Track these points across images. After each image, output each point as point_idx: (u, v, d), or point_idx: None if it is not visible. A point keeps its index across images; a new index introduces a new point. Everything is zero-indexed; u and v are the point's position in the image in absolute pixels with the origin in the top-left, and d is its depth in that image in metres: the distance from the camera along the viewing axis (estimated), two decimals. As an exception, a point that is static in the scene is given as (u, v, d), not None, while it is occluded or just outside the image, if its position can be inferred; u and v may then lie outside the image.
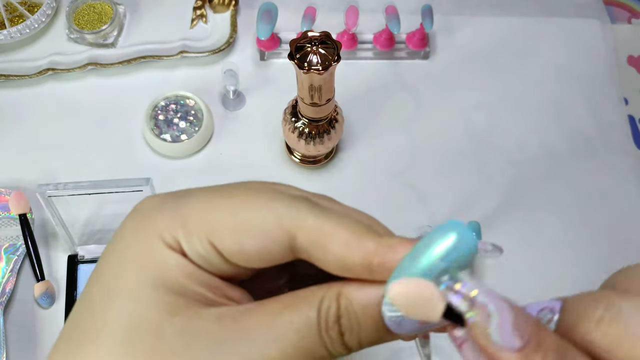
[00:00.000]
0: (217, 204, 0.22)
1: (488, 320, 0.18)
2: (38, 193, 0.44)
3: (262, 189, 0.23)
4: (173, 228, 0.22)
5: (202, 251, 0.22)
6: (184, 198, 0.23)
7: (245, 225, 0.21)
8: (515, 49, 0.62)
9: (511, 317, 0.18)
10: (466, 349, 0.20)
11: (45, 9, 0.59)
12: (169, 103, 0.55)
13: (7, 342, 0.47)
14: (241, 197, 0.22)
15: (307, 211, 0.21)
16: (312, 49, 0.42)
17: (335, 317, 0.21)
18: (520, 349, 0.18)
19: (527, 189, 0.55)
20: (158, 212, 0.22)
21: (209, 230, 0.21)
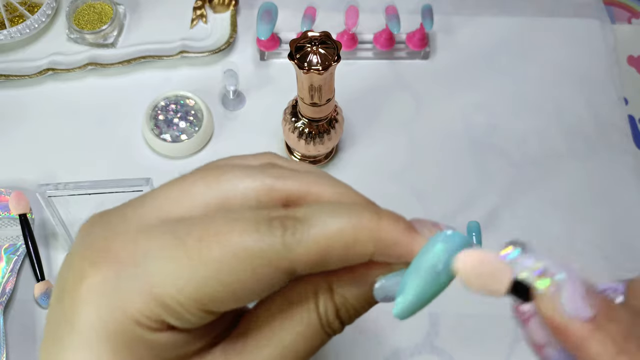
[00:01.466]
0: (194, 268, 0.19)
1: (558, 290, 0.18)
2: (38, 193, 0.44)
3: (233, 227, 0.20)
4: (152, 309, 0.19)
5: (196, 319, 0.20)
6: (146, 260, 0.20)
7: (238, 283, 0.20)
8: (515, 49, 0.62)
9: (582, 286, 0.18)
10: (533, 324, 0.19)
11: (45, 9, 0.59)
12: (169, 103, 0.55)
13: (7, 342, 0.47)
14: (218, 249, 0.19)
15: (293, 240, 0.20)
16: (312, 49, 0.42)
17: (334, 314, 0.22)
18: (592, 319, 0.18)
19: (527, 189, 0.55)
20: (125, 284, 0.19)
21: (199, 300, 0.19)
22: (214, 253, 0.19)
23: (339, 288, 0.22)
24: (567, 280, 0.18)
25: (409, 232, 0.20)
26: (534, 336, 0.19)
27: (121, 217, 0.21)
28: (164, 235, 0.20)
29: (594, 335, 0.18)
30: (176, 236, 0.20)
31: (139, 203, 0.22)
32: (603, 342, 0.18)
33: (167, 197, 0.22)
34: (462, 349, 0.48)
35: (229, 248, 0.19)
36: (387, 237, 0.20)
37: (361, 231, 0.20)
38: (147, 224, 0.21)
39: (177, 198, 0.21)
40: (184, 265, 0.19)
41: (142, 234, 0.20)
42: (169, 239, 0.20)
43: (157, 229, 0.20)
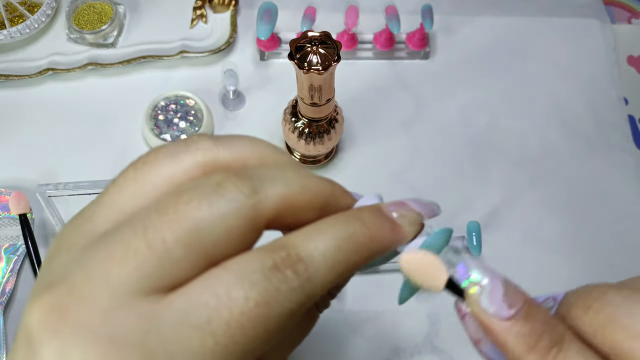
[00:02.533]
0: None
1: (481, 291, 0.21)
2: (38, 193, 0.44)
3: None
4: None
5: None
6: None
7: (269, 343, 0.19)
8: (515, 49, 0.62)
9: (502, 288, 0.21)
10: (468, 320, 0.22)
11: (45, 9, 0.59)
12: (169, 103, 0.55)
13: (7, 342, 0.47)
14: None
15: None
16: (312, 49, 0.42)
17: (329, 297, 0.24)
18: (510, 318, 0.20)
19: (527, 189, 0.55)
20: None
21: None
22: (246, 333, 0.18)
23: None
24: (489, 280, 0.21)
25: (394, 231, 0.22)
26: (471, 332, 0.22)
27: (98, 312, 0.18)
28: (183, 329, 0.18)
29: (510, 332, 0.20)
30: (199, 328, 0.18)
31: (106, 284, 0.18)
32: (517, 339, 0.20)
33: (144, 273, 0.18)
34: (462, 349, 0.48)
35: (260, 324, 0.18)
36: (379, 246, 0.21)
37: (361, 252, 0.21)
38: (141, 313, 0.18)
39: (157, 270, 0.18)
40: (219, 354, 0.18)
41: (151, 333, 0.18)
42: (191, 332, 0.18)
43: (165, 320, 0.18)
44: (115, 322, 0.17)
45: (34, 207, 0.50)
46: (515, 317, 0.20)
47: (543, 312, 0.21)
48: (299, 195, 0.20)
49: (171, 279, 0.18)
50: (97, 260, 0.18)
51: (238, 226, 0.19)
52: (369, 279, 0.50)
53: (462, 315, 0.22)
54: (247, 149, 0.21)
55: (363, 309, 0.49)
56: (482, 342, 0.22)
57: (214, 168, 0.20)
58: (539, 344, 0.20)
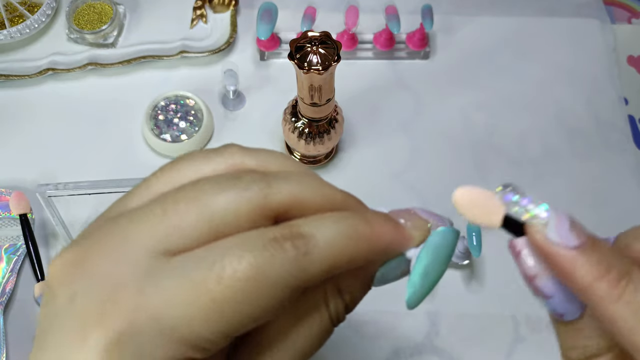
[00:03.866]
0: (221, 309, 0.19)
1: (546, 221, 0.20)
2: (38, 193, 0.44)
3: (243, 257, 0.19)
4: (181, 351, 0.19)
5: (221, 346, 0.20)
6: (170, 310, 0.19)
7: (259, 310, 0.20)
8: (515, 49, 0.62)
9: (568, 220, 0.21)
10: (524, 256, 0.21)
11: (45, 9, 0.59)
12: (169, 103, 0.55)
13: (7, 342, 0.47)
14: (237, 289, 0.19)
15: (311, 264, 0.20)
16: (312, 49, 0.42)
17: (344, 311, 0.23)
18: (578, 247, 0.20)
19: (527, 189, 0.55)
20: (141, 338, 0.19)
21: (225, 333, 0.19)
22: (237, 292, 0.19)
23: (346, 286, 0.23)
24: (554, 213, 0.21)
25: (396, 230, 0.22)
26: (526, 268, 0.21)
27: (110, 261, 0.20)
28: (180, 281, 0.19)
29: (578, 260, 0.20)
30: (194, 281, 0.19)
31: (122, 240, 0.20)
32: (586, 266, 0.20)
33: (155, 234, 0.20)
34: (462, 349, 0.48)
35: (251, 285, 0.19)
36: (381, 243, 0.21)
37: (361, 243, 0.21)
38: (147, 267, 0.20)
39: (167, 233, 0.20)
40: (211, 310, 0.19)
41: (150, 282, 0.19)
42: (186, 284, 0.19)
43: (165, 273, 0.19)
44: (121, 271, 0.19)
45: (34, 207, 0.51)
46: (583, 247, 0.20)
47: (608, 245, 0.21)
48: (309, 196, 0.21)
49: (179, 244, 0.20)
50: (118, 224, 0.20)
51: (247, 211, 0.20)
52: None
53: (517, 252, 0.21)
54: (270, 159, 0.23)
55: (363, 309, 0.49)
56: (538, 277, 0.21)
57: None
58: (609, 274, 0.20)
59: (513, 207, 0.21)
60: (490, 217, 0.20)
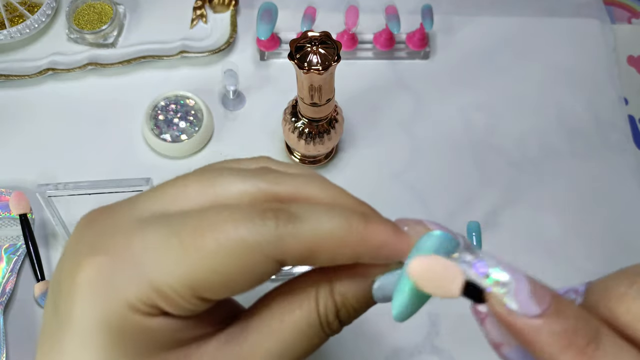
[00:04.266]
0: (189, 257, 0.20)
1: (506, 290, 0.19)
2: (38, 193, 0.44)
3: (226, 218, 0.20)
4: (148, 295, 0.20)
5: (190, 305, 0.21)
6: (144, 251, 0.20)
7: (231, 272, 0.20)
8: (515, 49, 0.62)
9: (528, 284, 0.19)
10: (488, 324, 0.20)
11: (45, 9, 0.59)
12: (169, 103, 0.55)
13: (7, 342, 0.47)
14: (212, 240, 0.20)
15: (285, 231, 0.20)
16: (312, 49, 0.42)
17: (334, 313, 0.22)
18: (539, 316, 0.18)
19: (527, 189, 0.55)
20: (121, 273, 0.20)
21: (193, 287, 0.20)
22: (207, 243, 0.20)
23: (339, 286, 0.22)
24: (513, 278, 0.19)
25: (395, 233, 0.21)
26: (491, 335, 0.20)
27: (116, 213, 0.22)
28: (159, 228, 0.21)
29: (542, 331, 0.18)
30: (171, 228, 0.20)
31: (134, 200, 0.22)
32: (550, 337, 0.18)
33: (161, 196, 0.22)
34: (462, 349, 0.48)
35: (223, 238, 0.20)
36: (374, 240, 0.21)
37: (350, 234, 0.20)
38: (141, 218, 0.21)
39: (171, 197, 0.22)
40: (179, 255, 0.20)
41: (137, 227, 0.21)
42: (163, 230, 0.20)
43: (152, 222, 0.21)
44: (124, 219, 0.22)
45: (34, 207, 0.51)
46: (546, 315, 0.18)
47: (573, 306, 0.19)
48: (315, 193, 0.22)
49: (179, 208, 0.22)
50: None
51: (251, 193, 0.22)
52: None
53: (481, 319, 0.20)
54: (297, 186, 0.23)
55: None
56: (504, 346, 0.20)
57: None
58: (574, 342, 0.18)
59: (469, 272, 0.19)
60: (450, 287, 0.19)
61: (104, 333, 0.20)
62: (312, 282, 0.22)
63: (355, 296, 0.22)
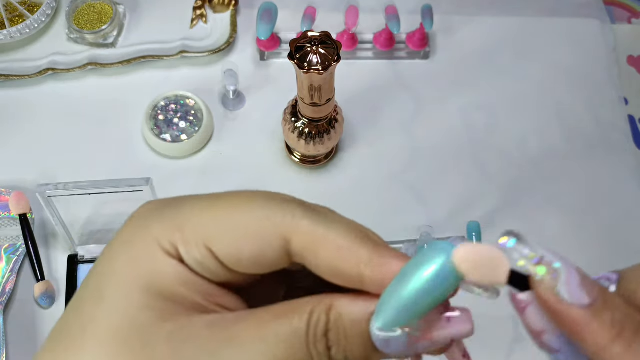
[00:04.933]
0: (213, 210, 0.22)
1: (556, 278, 0.19)
2: (38, 193, 0.44)
3: (257, 195, 0.22)
4: (171, 234, 0.22)
5: (200, 257, 0.21)
6: (182, 205, 0.23)
7: (242, 230, 0.21)
8: (515, 49, 0.62)
9: (577, 275, 0.19)
10: (530, 312, 0.20)
11: (45, 9, 0.59)
12: (169, 103, 0.55)
13: (7, 342, 0.47)
14: (237, 202, 0.22)
15: (302, 215, 0.21)
16: (312, 49, 0.42)
17: (323, 330, 0.21)
18: (589, 306, 0.19)
19: (527, 189, 0.55)
20: (156, 219, 0.22)
21: (206, 237, 0.21)
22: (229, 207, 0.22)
23: (338, 304, 0.21)
24: (563, 268, 0.19)
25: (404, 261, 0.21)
26: (532, 324, 0.20)
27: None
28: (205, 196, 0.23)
29: (592, 322, 0.19)
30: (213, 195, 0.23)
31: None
32: (601, 328, 0.19)
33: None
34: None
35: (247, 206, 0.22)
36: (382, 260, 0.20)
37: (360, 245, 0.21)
38: None
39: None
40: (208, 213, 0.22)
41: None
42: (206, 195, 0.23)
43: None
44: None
45: (34, 207, 0.51)
46: (595, 305, 0.19)
47: (618, 299, 0.20)
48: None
49: None
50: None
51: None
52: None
53: (522, 307, 0.20)
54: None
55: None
56: (546, 334, 0.20)
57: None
58: (623, 334, 0.19)
59: (519, 260, 0.19)
60: (496, 274, 0.18)
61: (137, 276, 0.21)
62: (319, 297, 0.22)
63: (350, 318, 0.21)
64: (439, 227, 0.52)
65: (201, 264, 0.22)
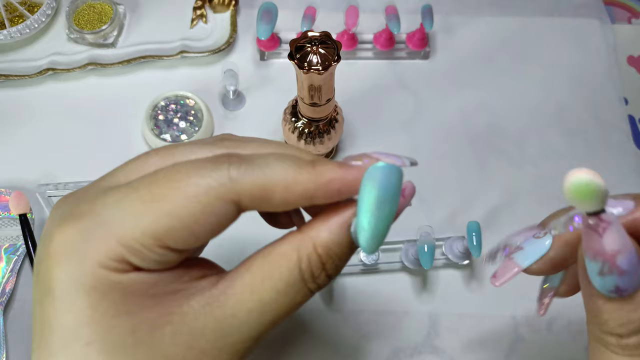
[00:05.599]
0: (151, 206, 0.21)
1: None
2: (38, 193, 0.44)
3: (184, 172, 0.22)
4: (113, 250, 0.21)
5: (157, 257, 0.21)
6: (105, 206, 0.22)
7: (190, 216, 0.21)
8: (515, 49, 0.62)
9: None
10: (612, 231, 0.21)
11: (45, 9, 0.59)
12: (169, 103, 0.55)
13: (7, 342, 0.47)
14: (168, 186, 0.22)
15: (238, 173, 0.22)
16: (312, 49, 0.42)
17: (320, 267, 0.23)
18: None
19: (527, 189, 0.55)
20: (87, 235, 0.21)
21: (156, 236, 0.21)
22: (165, 192, 0.21)
23: (320, 240, 0.23)
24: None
25: (342, 168, 0.23)
26: (610, 244, 0.21)
27: (84, 190, 0.24)
28: (119, 189, 0.22)
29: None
30: (130, 186, 0.22)
31: (99, 178, 0.25)
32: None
33: (123, 169, 0.24)
34: (462, 349, 0.48)
35: (179, 186, 0.21)
36: (322, 177, 0.22)
37: (299, 173, 0.22)
38: (105, 187, 0.23)
39: (132, 169, 0.24)
40: (139, 207, 0.21)
41: (101, 194, 0.23)
42: (123, 189, 0.22)
43: (114, 188, 0.23)
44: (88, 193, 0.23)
45: (34, 207, 0.51)
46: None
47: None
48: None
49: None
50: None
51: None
52: (369, 279, 0.50)
53: (604, 227, 0.22)
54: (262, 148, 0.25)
55: (363, 309, 0.49)
56: (620, 254, 0.21)
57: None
58: None
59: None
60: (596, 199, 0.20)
61: (82, 295, 0.20)
62: (291, 242, 0.23)
63: (338, 244, 0.23)
64: (439, 227, 0.52)
65: (159, 261, 0.22)
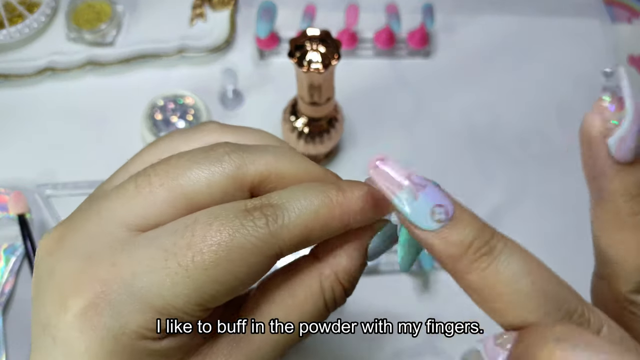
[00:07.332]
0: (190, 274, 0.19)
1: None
2: (37, 193, 0.44)
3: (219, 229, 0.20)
4: (152, 321, 0.19)
5: (196, 319, 0.21)
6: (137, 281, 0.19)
7: (237, 280, 0.20)
8: (515, 48, 0.62)
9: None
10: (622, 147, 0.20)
11: (44, 8, 0.59)
12: (168, 102, 0.55)
13: (7, 342, 0.47)
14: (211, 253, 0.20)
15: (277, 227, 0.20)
16: (311, 47, 0.42)
17: (343, 294, 0.23)
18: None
19: (528, 189, 0.55)
20: (120, 308, 0.19)
21: (200, 303, 0.20)
22: (206, 258, 0.20)
23: (342, 267, 0.23)
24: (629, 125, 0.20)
25: (371, 195, 0.23)
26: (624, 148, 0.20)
27: (86, 237, 0.21)
28: (150, 250, 0.20)
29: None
30: (164, 249, 0.20)
31: (97, 217, 0.21)
32: None
33: (128, 206, 0.21)
34: (462, 350, 0.48)
35: (221, 250, 0.20)
36: (355, 206, 0.22)
37: (333, 209, 0.21)
38: (118, 238, 0.20)
39: (140, 206, 0.21)
40: (181, 276, 0.19)
41: (120, 250, 0.20)
42: (156, 253, 0.20)
43: (137, 244, 0.20)
44: (96, 245, 0.20)
45: (33, 207, 0.50)
46: None
47: None
48: (285, 169, 0.22)
49: (153, 218, 0.21)
50: (96, 203, 0.22)
51: (220, 183, 0.21)
52: (368, 279, 0.50)
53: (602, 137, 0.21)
54: (249, 134, 0.24)
55: (363, 309, 0.49)
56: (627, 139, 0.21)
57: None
58: None
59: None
60: None
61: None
62: (311, 274, 0.23)
63: (358, 268, 0.23)
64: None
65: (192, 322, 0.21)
